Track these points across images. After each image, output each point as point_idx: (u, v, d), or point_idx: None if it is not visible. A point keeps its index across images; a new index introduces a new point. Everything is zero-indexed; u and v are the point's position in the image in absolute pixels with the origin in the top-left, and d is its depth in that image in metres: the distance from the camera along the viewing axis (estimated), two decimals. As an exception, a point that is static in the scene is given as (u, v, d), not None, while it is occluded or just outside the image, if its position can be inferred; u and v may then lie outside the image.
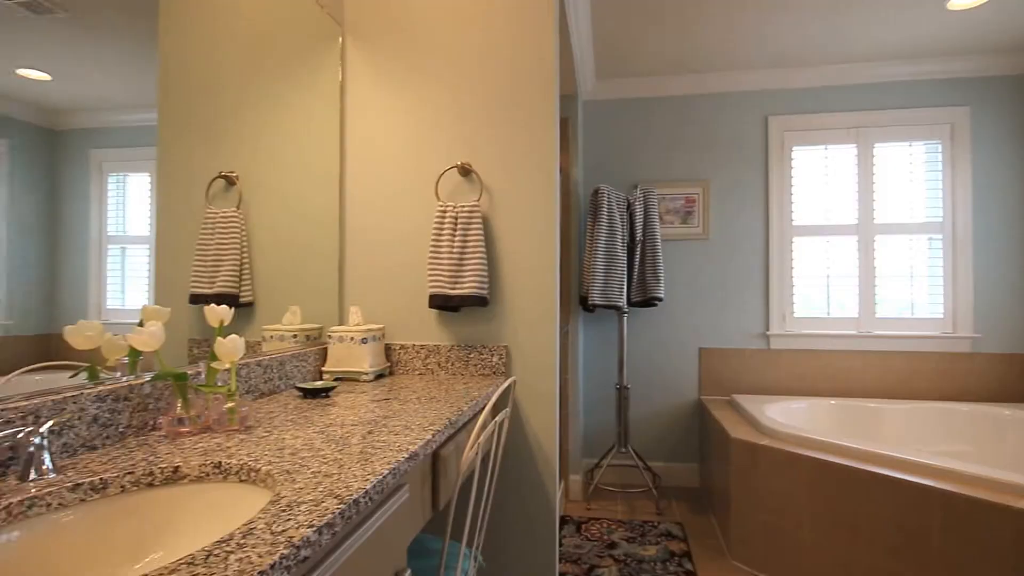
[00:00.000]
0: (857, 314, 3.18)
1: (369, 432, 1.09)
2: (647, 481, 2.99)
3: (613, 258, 2.96)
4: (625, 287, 3.03)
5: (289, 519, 0.68)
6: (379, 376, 1.73)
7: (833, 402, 3.01)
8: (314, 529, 0.66)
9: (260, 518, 0.69)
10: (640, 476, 3.31)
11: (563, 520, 2.77)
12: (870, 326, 3.16)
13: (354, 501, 0.75)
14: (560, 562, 2.34)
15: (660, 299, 3.04)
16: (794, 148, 3.27)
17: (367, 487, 0.80)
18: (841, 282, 3.21)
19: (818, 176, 3.26)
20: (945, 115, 3.10)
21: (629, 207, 3.08)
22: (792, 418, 2.92)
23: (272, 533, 0.65)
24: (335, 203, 1.87)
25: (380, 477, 0.85)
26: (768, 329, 3.24)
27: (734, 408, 2.97)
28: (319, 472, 0.85)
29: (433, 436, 1.09)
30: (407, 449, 0.98)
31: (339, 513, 0.71)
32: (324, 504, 0.73)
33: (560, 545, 2.48)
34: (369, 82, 1.90)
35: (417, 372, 1.81)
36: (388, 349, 1.83)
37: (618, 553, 2.41)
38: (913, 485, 1.86)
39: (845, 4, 2.51)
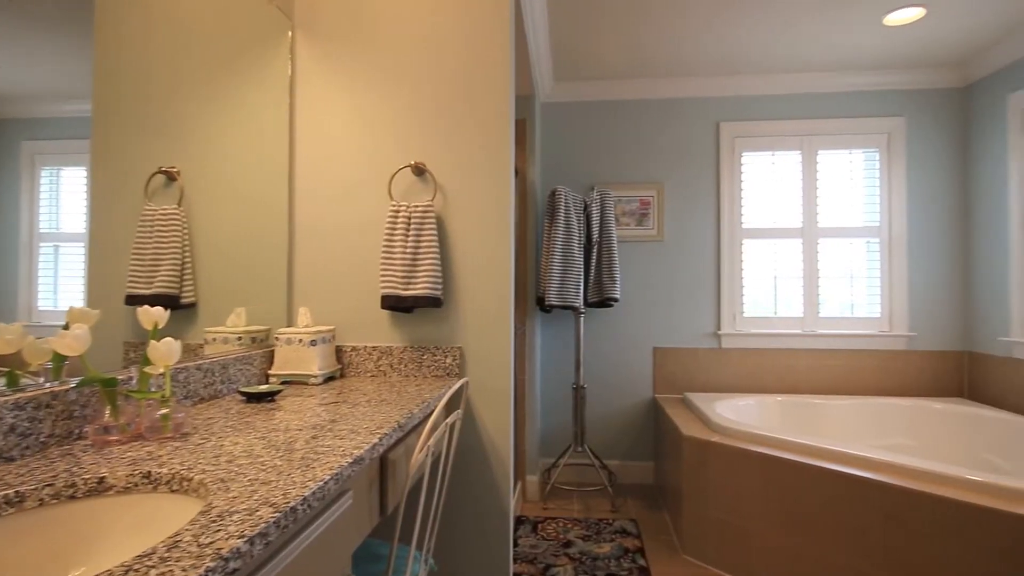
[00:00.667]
0: (802, 314, 3.31)
1: (313, 437, 1.06)
2: (603, 479, 3.03)
3: (570, 259, 2.99)
4: (582, 288, 3.06)
5: (219, 530, 0.66)
6: (329, 379, 1.69)
7: (780, 399, 3.12)
8: (245, 540, 0.64)
9: (187, 530, 0.66)
10: (596, 475, 3.35)
11: (520, 520, 2.77)
12: (814, 325, 3.29)
13: (291, 509, 0.73)
14: (516, 562, 2.34)
15: (616, 300, 3.08)
16: (744, 153, 3.37)
17: (305, 494, 0.77)
18: (787, 283, 3.34)
19: (766, 181, 3.37)
20: (882, 125, 3.26)
21: (586, 209, 3.12)
22: (741, 415, 3.01)
23: (199, 545, 0.62)
24: (284, 202, 1.82)
25: (321, 483, 0.83)
26: (719, 329, 3.33)
27: (687, 406, 3.04)
28: (256, 480, 0.82)
29: (380, 440, 1.07)
30: (352, 454, 0.96)
31: (273, 522, 0.69)
32: (258, 513, 0.70)
33: (516, 545, 2.49)
34: (320, 78, 1.85)
35: (369, 374, 1.78)
36: (339, 351, 1.79)
37: (573, 551, 2.43)
38: (854, 478, 1.94)
39: (791, 17, 2.60)
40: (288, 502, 0.74)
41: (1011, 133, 2.88)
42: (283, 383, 1.60)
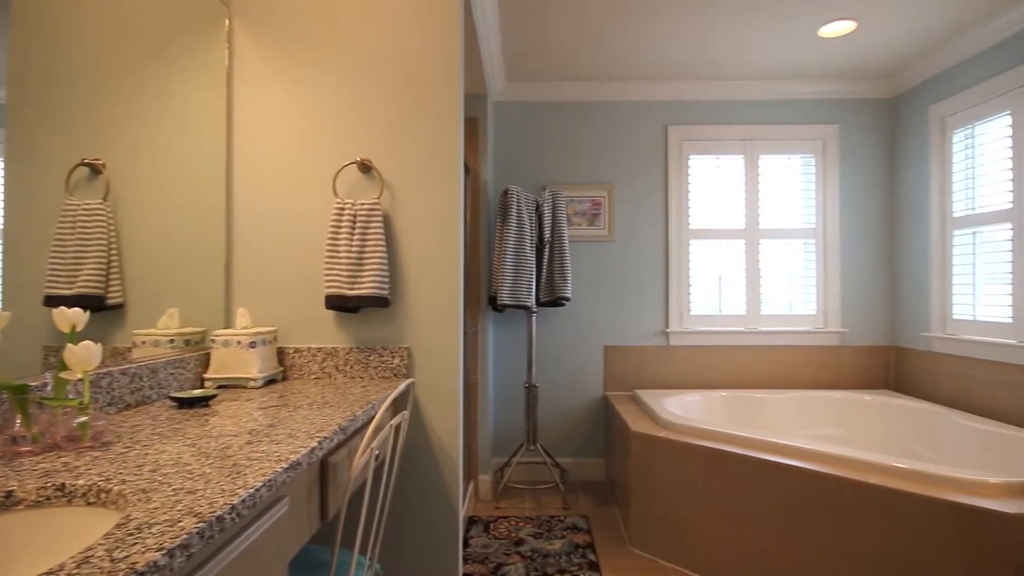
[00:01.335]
0: (745, 312, 3.43)
1: (248, 443, 1.02)
2: (555, 477, 3.06)
3: (522, 258, 3.00)
4: (534, 287, 3.08)
5: (135, 543, 0.62)
6: (270, 382, 1.63)
7: (724, 394, 3.23)
8: (164, 552, 0.60)
9: (101, 544, 0.62)
10: (549, 472, 3.38)
11: (472, 521, 2.76)
12: (756, 323, 3.43)
13: (217, 519, 0.70)
14: (467, 562, 2.33)
15: (568, 299, 3.11)
16: (691, 156, 3.47)
17: (234, 503, 0.74)
18: (731, 282, 3.46)
19: (712, 183, 3.48)
20: (818, 132, 3.43)
21: (538, 208, 3.14)
22: (688, 410, 3.10)
23: (112, 560, 0.58)
24: (221, 198, 1.75)
25: (252, 491, 0.79)
26: (667, 327, 3.42)
27: (636, 403, 3.10)
28: (181, 489, 0.78)
29: (320, 443, 1.04)
30: (288, 459, 0.93)
31: (197, 533, 0.66)
32: (181, 524, 0.67)
33: (467, 546, 2.48)
34: (260, 70, 1.79)
35: (313, 376, 1.73)
36: (281, 353, 1.73)
37: (525, 549, 2.44)
38: (788, 468, 2.03)
39: (732, 27, 2.70)
40: (214, 511, 0.71)
41: (932, 142, 3.08)
42: (219, 387, 1.54)
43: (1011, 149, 2.60)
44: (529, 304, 3.02)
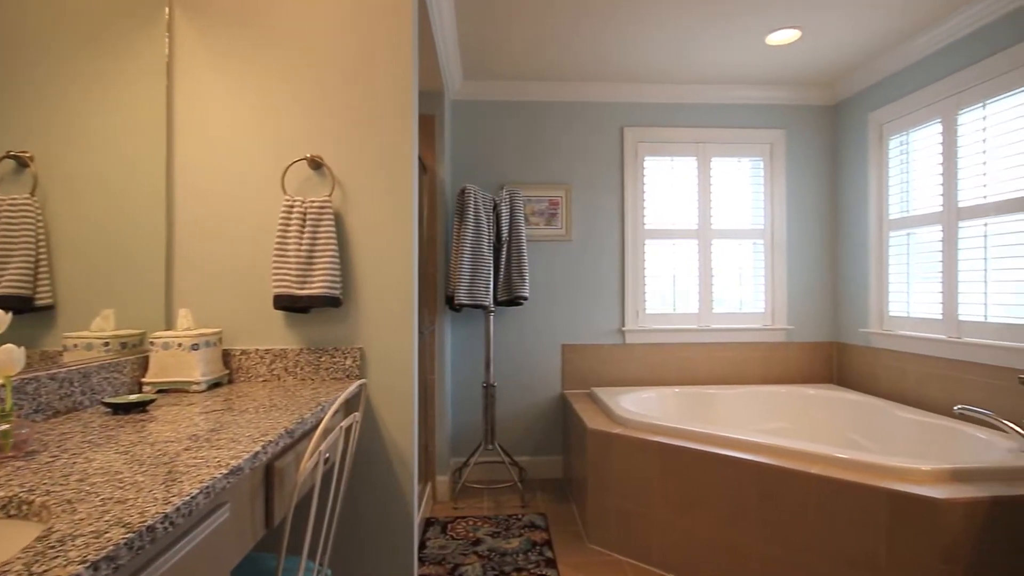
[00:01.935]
0: (698, 310, 3.53)
1: (186, 449, 0.99)
2: (513, 476, 3.07)
3: (479, 258, 2.99)
4: (491, 286, 3.08)
5: (57, 556, 0.59)
6: (215, 385, 1.57)
7: (677, 390, 3.31)
8: (88, 565, 0.57)
9: (19, 558, 0.58)
10: (507, 471, 3.39)
11: (429, 522, 2.74)
12: (708, 320, 3.53)
13: (148, 528, 0.67)
14: (424, 564, 2.31)
15: (525, 298, 3.13)
16: (646, 158, 3.54)
17: (167, 511, 0.71)
18: (685, 281, 3.55)
19: (666, 184, 3.56)
20: (766, 136, 3.56)
21: (495, 208, 3.14)
22: (643, 407, 3.17)
23: (31, 575, 0.55)
24: (161, 193, 1.67)
25: (187, 498, 0.76)
26: (624, 325, 3.48)
27: (593, 400, 3.15)
28: (110, 499, 0.75)
29: (264, 447, 1.01)
30: (228, 464, 0.90)
31: (125, 544, 0.63)
32: (107, 535, 0.64)
33: (424, 548, 2.46)
34: (203, 61, 1.72)
35: (261, 379, 1.68)
36: (227, 355, 1.67)
37: (482, 549, 2.44)
38: (737, 460, 2.10)
39: (683, 32, 2.76)
40: (145, 521, 0.68)
41: (870, 147, 3.24)
42: (159, 392, 1.47)
43: (941, 155, 2.77)
44: (487, 303, 3.02)
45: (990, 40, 2.49)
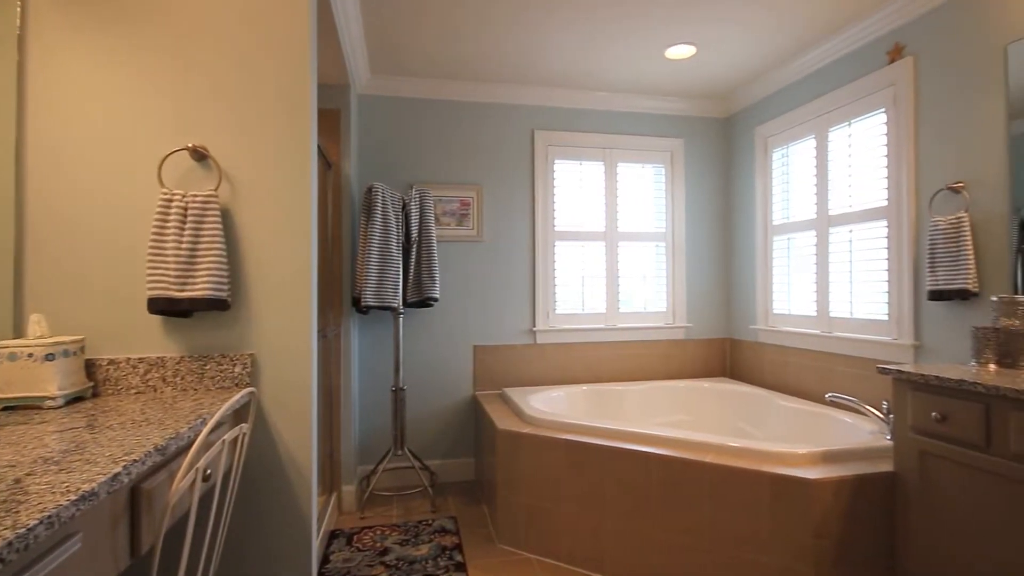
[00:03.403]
0: (605, 310, 3.65)
1: (30, 474, 0.86)
2: (423, 481, 3.01)
3: (388, 258, 2.91)
4: (400, 287, 3.00)
5: None
6: (76, 399, 1.40)
7: (585, 388, 3.41)
8: None
9: None
10: (417, 476, 3.32)
11: (333, 534, 2.62)
12: (615, 320, 3.66)
13: (-39, 573, 0.57)
14: (327, 580, 2.20)
15: (436, 299, 3.08)
16: (556, 161, 3.61)
17: (-10, 550, 0.61)
18: (593, 282, 3.66)
19: (575, 187, 3.66)
20: (667, 144, 3.75)
21: (405, 207, 3.06)
22: (552, 406, 3.22)
23: None
24: (10, 185, 1.47)
25: (23, 531, 0.66)
26: (535, 325, 3.53)
27: (504, 401, 3.16)
28: (-85, 540, 0.63)
29: (126, 468, 0.90)
30: (79, 489, 0.80)
31: (-74, 594, 0.53)
32: (-97, 586, 0.54)
33: (327, 562, 2.34)
34: (65, 35, 1.53)
35: (133, 391, 1.52)
36: (92, 365, 1.49)
37: (390, 559, 2.37)
38: (638, 453, 2.18)
39: (588, 41, 2.84)
40: (-42, 564, 0.58)
41: (757, 158, 3.52)
42: (4, 410, 1.29)
43: (815, 168, 3.05)
44: (395, 305, 2.94)
45: (854, 66, 2.78)
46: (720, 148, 3.86)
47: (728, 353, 3.83)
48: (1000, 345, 1.89)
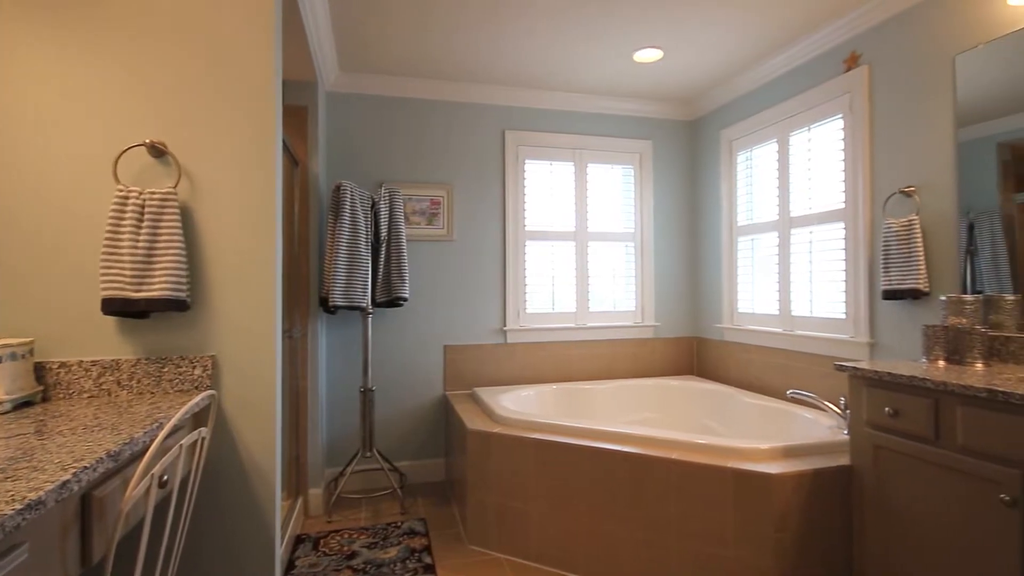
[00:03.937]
0: (575, 309, 3.68)
1: (-29, 483, 0.82)
2: (393, 482, 2.98)
3: (356, 257, 2.87)
4: (369, 287, 2.97)
5: None
6: (24, 404, 1.34)
7: (555, 387, 3.43)
8: None
9: None
10: (387, 478, 3.29)
11: (300, 539, 2.57)
12: (584, 319, 3.69)
13: None
14: (293, 585, 2.16)
15: (405, 299, 3.05)
16: (527, 161, 3.63)
17: (-76, 564, 0.58)
18: (563, 281, 3.68)
19: (546, 187, 3.67)
20: (636, 146, 3.80)
21: (374, 206, 3.03)
22: (522, 405, 3.23)
23: None
24: (-48, 177, 1.40)
25: (-40, 545, 0.63)
26: (505, 325, 3.53)
27: (474, 401, 3.15)
28: None
29: (76, 475, 0.87)
30: (25, 498, 0.76)
31: None
32: None
33: (293, 568, 2.30)
34: (16, 24, 1.46)
35: (87, 395, 1.46)
36: (41, 369, 1.43)
37: (357, 563, 2.34)
38: (607, 451, 2.21)
39: (557, 43, 2.86)
40: None
41: (722, 161, 3.59)
42: (-55, 415, 1.22)
43: (777, 171, 3.14)
44: (364, 305, 2.91)
45: (813, 73, 2.87)
46: (687, 150, 3.93)
47: (695, 351, 3.90)
48: (948, 342, 1.98)
